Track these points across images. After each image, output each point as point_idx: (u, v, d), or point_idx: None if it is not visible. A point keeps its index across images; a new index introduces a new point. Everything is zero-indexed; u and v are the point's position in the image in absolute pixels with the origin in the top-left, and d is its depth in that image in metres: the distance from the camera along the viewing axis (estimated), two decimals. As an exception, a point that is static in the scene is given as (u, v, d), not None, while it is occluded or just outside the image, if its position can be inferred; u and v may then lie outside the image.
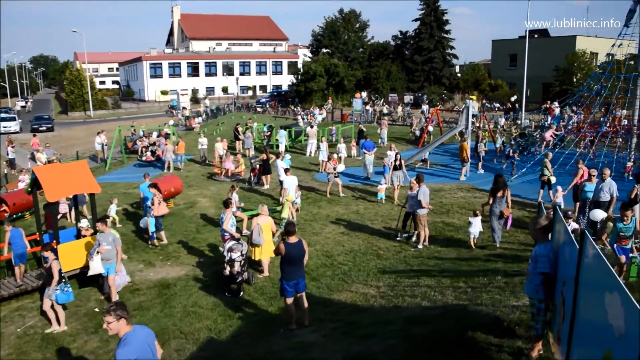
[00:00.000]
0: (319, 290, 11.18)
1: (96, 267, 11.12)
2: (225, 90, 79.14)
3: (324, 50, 66.40)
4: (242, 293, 11.33)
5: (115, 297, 11.04)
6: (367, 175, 22.26)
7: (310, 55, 69.02)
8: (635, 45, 22.85)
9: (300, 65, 63.32)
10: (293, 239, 8.78)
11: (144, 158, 27.53)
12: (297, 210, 17.21)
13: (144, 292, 11.78)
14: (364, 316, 9.40)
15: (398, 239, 14.23)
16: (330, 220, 16.47)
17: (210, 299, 11.22)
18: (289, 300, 8.99)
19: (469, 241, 13.41)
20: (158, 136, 30.43)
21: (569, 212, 11.72)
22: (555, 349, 5.78)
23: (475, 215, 13.33)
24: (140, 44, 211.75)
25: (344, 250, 13.63)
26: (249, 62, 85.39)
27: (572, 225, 11.18)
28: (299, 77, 59.88)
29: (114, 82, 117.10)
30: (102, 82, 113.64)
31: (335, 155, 22.18)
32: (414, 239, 13.81)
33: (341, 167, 20.41)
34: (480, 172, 22.95)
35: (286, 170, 17.36)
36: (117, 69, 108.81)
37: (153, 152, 27.55)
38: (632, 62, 23.53)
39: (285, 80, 79.58)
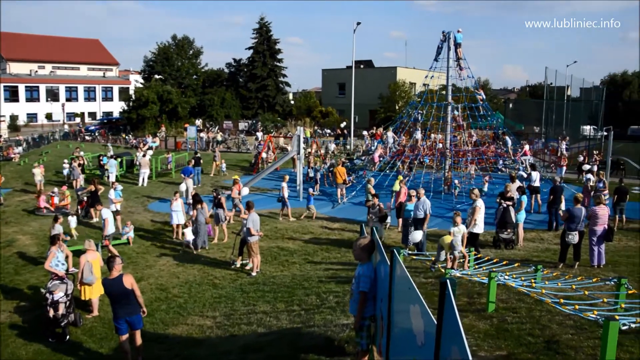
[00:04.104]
0: (154, 326, 10.76)
1: None
2: (49, 117, 73.58)
3: (157, 76, 64.84)
4: (68, 337, 10.53)
5: None
6: (187, 200, 21.51)
7: (142, 81, 66.94)
8: (444, 76, 25.41)
9: (132, 92, 61.13)
10: (113, 274, 8.42)
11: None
12: (128, 242, 16.54)
13: (-52, 347, 10.44)
14: (200, 349, 9.25)
15: (233, 266, 14.23)
16: (164, 252, 15.99)
17: (31, 347, 10.26)
18: (122, 338, 8.60)
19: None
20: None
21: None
22: (378, 361, 6.17)
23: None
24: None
25: (179, 282, 13.29)
26: (77, 87, 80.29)
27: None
28: (131, 104, 57.76)
29: None
30: None
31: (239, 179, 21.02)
32: (249, 265, 13.89)
33: (245, 191, 19.82)
34: (316, 193, 23.99)
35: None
36: None
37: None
38: (443, 92, 26.08)
39: (116, 107, 76.03)
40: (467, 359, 2.43)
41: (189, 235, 15.90)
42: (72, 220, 17.57)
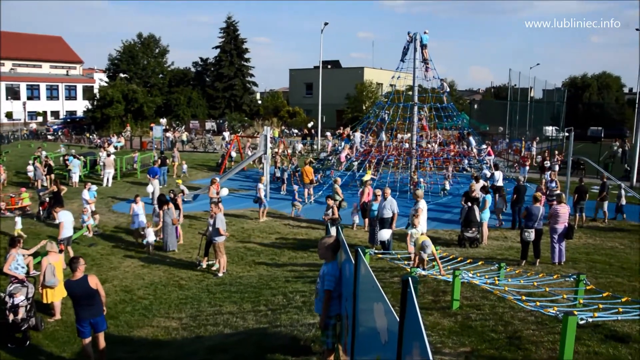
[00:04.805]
0: (118, 329, 10.59)
1: None
2: (9, 115, 71.70)
3: (122, 75, 63.82)
4: (28, 341, 10.27)
5: None
6: (152, 201, 21.19)
7: (107, 80, 65.79)
8: (411, 77, 25.68)
9: (96, 90, 60.16)
10: (77, 275, 8.28)
11: None
12: (91, 245, 16.29)
13: None
14: (165, 350, 9.16)
15: (199, 267, 14.12)
16: (128, 254, 15.76)
17: (-11, 352, 10.00)
18: (85, 342, 8.45)
19: None
20: None
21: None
22: (344, 360, 6.22)
23: None
24: None
25: (144, 284, 13.11)
26: (38, 86, 78.41)
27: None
28: (95, 103, 56.79)
29: None
30: None
31: (217, 179, 20.70)
32: (215, 266, 13.80)
33: (225, 191, 19.56)
34: (282, 193, 23.97)
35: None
36: None
37: None
38: (409, 93, 26.35)
39: (80, 105, 74.60)
40: (427, 355, 2.48)
41: (151, 236, 15.68)
42: (18, 221, 17.19)
